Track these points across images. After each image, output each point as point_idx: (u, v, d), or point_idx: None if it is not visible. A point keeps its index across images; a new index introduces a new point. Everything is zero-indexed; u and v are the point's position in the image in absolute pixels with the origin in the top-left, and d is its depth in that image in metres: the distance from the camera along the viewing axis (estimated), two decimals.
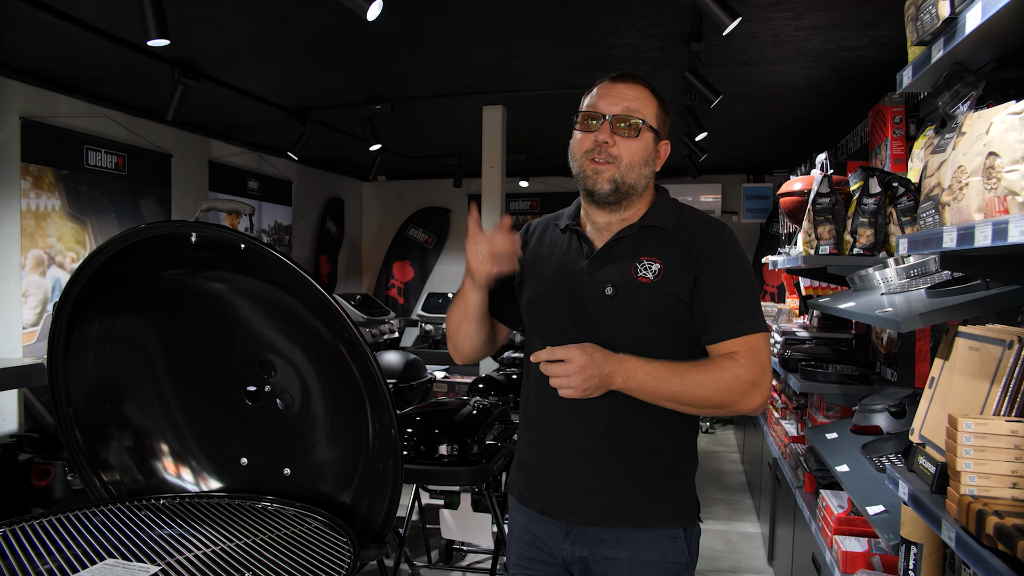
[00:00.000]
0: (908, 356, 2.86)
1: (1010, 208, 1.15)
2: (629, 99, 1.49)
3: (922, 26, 1.43)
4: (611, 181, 1.48)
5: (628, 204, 1.53)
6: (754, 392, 1.43)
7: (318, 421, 1.95)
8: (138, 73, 4.15)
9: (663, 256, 1.49)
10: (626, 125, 1.48)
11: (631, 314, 1.48)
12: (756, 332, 1.46)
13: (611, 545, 1.51)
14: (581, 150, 1.51)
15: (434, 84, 4.55)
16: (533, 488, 1.58)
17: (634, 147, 1.49)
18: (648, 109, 1.51)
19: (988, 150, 1.21)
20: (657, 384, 1.39)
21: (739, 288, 1.48)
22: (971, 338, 1.53)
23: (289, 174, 7.39)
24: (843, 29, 3.27)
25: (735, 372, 1.41)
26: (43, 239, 4.45)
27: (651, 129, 1.51)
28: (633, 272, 1.49)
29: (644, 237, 1.53)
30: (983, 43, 1.37)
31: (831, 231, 2.96)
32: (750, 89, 4.39)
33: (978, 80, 1.41)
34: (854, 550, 2.15)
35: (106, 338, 1.96)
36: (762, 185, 7.64)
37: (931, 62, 1.45)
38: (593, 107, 1.50)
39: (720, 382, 1.41)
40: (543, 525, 1.57)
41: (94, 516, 1.86)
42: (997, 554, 1.12)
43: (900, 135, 3.32)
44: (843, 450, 2.45)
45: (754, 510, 4.72)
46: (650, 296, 1.47)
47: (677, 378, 1.40)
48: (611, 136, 1.48)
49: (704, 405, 1.42)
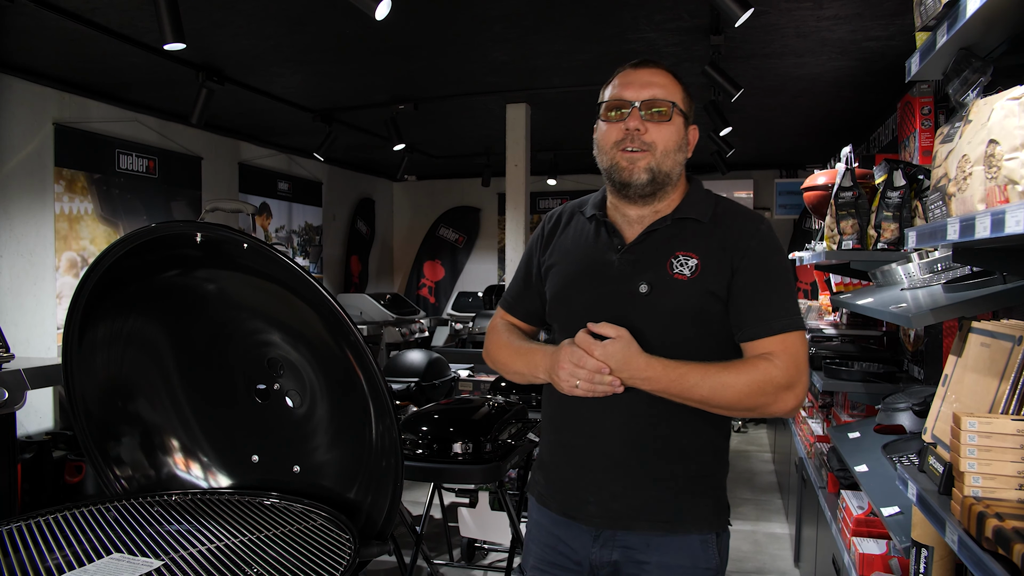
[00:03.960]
0: (935, 353, 2.77)
1: (1010, 197, 1.10)
2: (655, 84, 1.43)
3: (926, 10, 1.39)
4: (647, 170, 1.41)
5: (662, 195, 1.46)
6: (787, 394, 1.36)
7: (324, 420, 1.96)
8: (164, 78, 4.24)
9: (700, 251, 1.42)
10: (656, 111, 1.41)
11: (666, 312, 1.41)
12: (793, 330, 1.39)
13: (641, 549, 1.45)
14: (610, 142, 1.44)
15: (456, 83, 4.56)
16: (557, 491, 1.53)
17: (667, 132, 1.42)
18: (675, 93, 1.45)
19: (989, 137, 1.16)
20: (683, 388, 1.34)
21: (776, 284, 1.41)
22: (983, 334, 1.48)
23: (319, 175, 7.48)
24: (867, 19, 3.18)
25: (768, 373, 1.35)
26: (76, 241, 4.57)
27: (681, 113, 1.44)
28: (668, 268, 1.42)
29: (678, 230, 1.45)
30: (990, 26, 1.32)
31: (854, 226, 2.89)
32: (777, 82, 4.30)
33: (986, 66, 1.35)
34: (872, 552, 2.09)
35: (117, 337, 2.00)
36: (795, 180, 7.49)
37: (936, 47, 1.40)
38: (618, 96, 1.43)
39: (752, 384, 1.34)
40: (569, 528, 1.51)
41: (107, 512, 1.90)
42: (997, 558, 1.08)
43: (929, 126, 3.22)
44: (864, 449, 2.38)
45: (783, 510, 4.64)
46: (686, 294, 1.41)
47: (706, 382, 1.34)
48: (642, 123, 1.40)
49: (734, 408, 1.37)
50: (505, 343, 1.61)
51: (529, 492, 1.64)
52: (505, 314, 1.69)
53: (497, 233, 8.83)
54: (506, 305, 1.69)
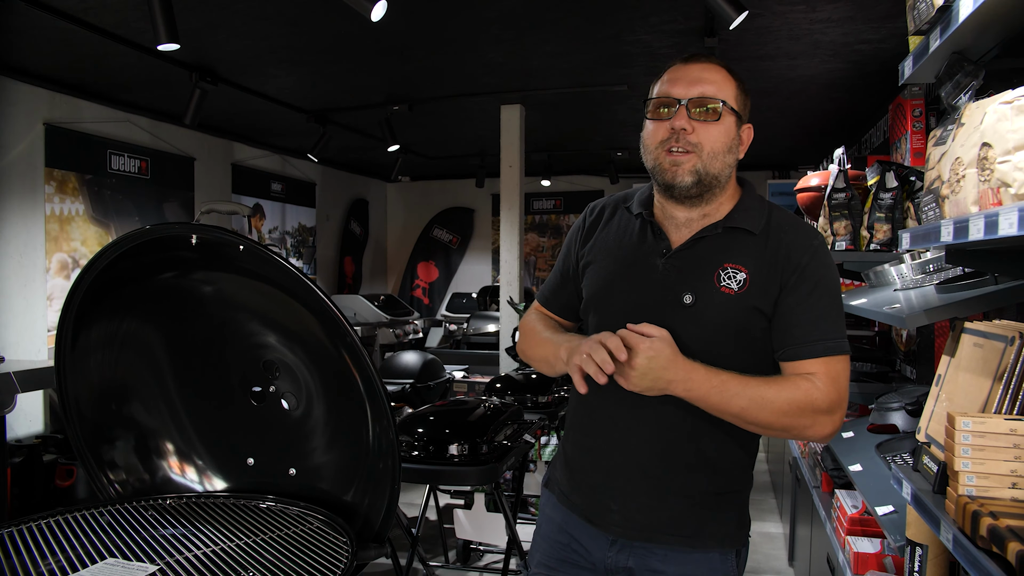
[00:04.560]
0: (927, 353, 2.79)
1: (1003, 200, 1.11)
2: (705, 81, 1.34)
3: (919, 15, 1.40)
4: (693, 172, 1.34)
5: (710, 197, 1.38)
6: (826, 419, 1.30)
7: (321, 422, 1.96)
8: (158, 78, 4.23)
9: (750, 265, 1.35)
10: (704, 109, 1.33)
11: (710, 326, 1.35)
12: (838, 354, 1.32)
13: (659, 558, 1.42)
14: (655, 141, 1.36)
15: (451, 84, 4.56)
16: (582, 495, 1.49)
17: (715, 132, 1.34)
18: (727, 89, 1.36)
19: (982, 140, 1.17)
20: (722, 398, 1.28)
21: (825, 304, 1.33)
22: (976, 334, 1.49)
23: (313, 176, 7.47)
24: (859, 22, 3.20)
25: (810, 395, 1.28)
26: (67, 243, 4.55)
27: (732, 111, 1.35)
28: (716, 280, 1.35)
29: (729, 240, 1.38)
30: (982, 30, 1.33)
31: (847, 227, 2.91)
32: (770, 84, 4.32)
33: (977, 69, 1.37)
34: (866, 551, 2.10)
35: (111, 339, 1.99)
36: (787, 181, 7.50)
37: (929, 51, 1.41)
38: (665, 93, 1.35)
39: (792, 403, 1.28)
40: (586, 531, 1.48)
41: (100, 516, 1.89)
42: (992, 556, 1.09)
43: (920, 128, 3.24)
44: (858, 449, 2.40)
45: (777, 510, 4.65)
46: (732, 308, 1.34)
47: (746, 392, 1.28)
48: (689, 122, 1.32)
49: (770, 426, 1.30)
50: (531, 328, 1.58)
51: (547, 488, 1.60)
52: (541, 308, 1.64)
53: (491, 234, 8.83)
54: (542, 299, 1.64)
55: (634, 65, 3.93)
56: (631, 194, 1.53)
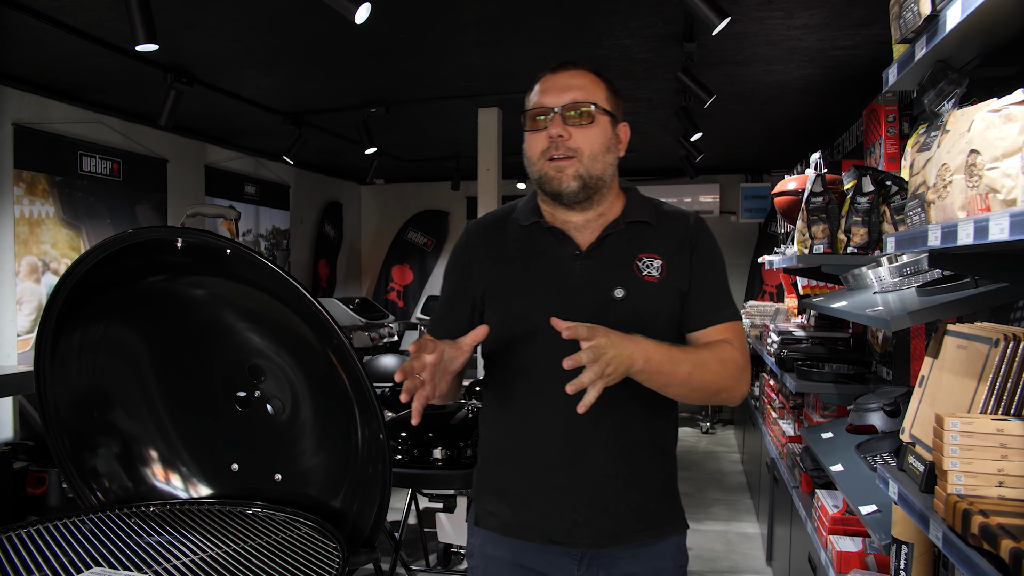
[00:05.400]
0: (903, 355, 2.85)
1: (991, 206, 1.14)
2: (575, 87, 1.39)
3: (905, 24, 1.43)
4: (576, 177, 1.38)
5: (600, 199, 1.44)
6: (744, 377, 1.40)
7: (307, 426, 1.94)
8: (131, 79, 4.15)
9: (661, 251, 1.43)
10: (578, 113, 1.37)
11: (644, 315, 1.38)
12: (737, 319, 1.45)
13: (628, 561, 1.43)
14: (536, 152, 1.40)
15: (429, 87, 4.55)
16: (538, 518, 1.43)
17: (592, 135, 1.38)
18: (597, 92, 1.40)
19: (970, 147, 1.20)
20: (673, 365, 1.30)
21: (721, 277, 1.47)
22: (959, 336, 1.52)
23: (287, 178, 7.39)
24: (835, 28, 3.27)
25: (733, 355, 1.38)
26: (37, 246, 4.45)
27: (605, 112, 1.40)
28: (636, 271, 1.41)
29: (633, 233, 1.44)
30: (967, 40, 1.36)
31: (825, 230, 2.95)
32: (745, 89, 4.39)
33: (962, 78, 1.40)
34: (848, 550, 2.14)
35: (93, 345, 1.95)
36: (760, 185, 7.63)
37: (915, 60, 1.44)
38: (539, 103, 1.39)
39: (723, 363, 1.36)
40: (547, 556, 1.43)
41: (83, 524, 1.85)
42: (982, 553, 1.11)
43: (894, 133, 3.31)
44: (838, 449, 2.44)
45: (753, 510, 4.71)
46: (660, 295, 1.41)
47: (689, 358, 1.33)
48: (564, 128, 1.36)
49: (708, 389, 1.35)
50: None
51: (482, 526, 1.50)
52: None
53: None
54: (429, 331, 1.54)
55: (611, 69, 3.96)
56: (511, 208, 1.54)
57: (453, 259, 1.57)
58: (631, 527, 1.43)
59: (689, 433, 6.99)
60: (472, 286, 1.49)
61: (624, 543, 1.43)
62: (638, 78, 4.13)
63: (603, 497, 1.41)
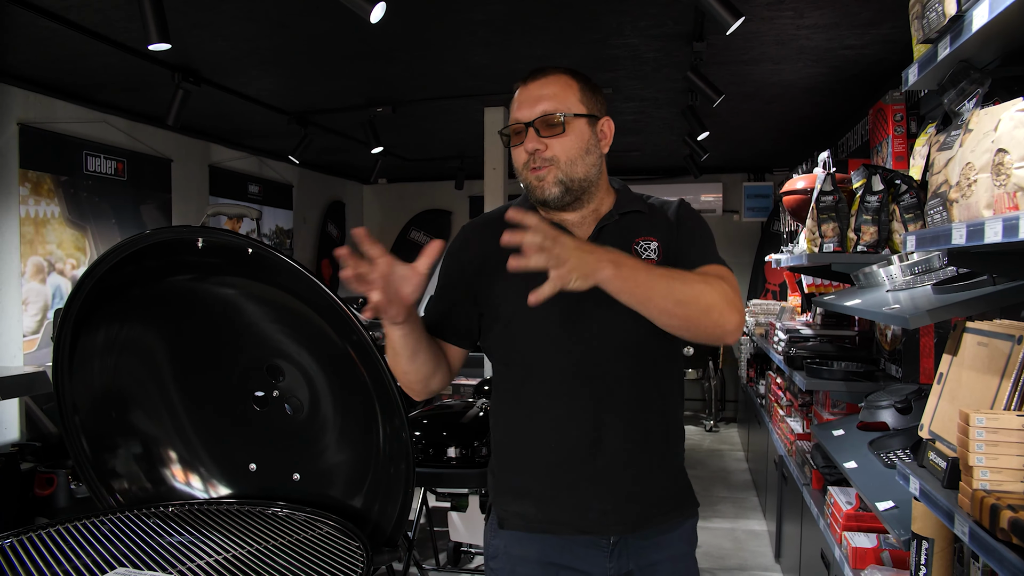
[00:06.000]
0: (912, 352, 2.86)
1: (1019, 204, 1.15)
2: (545, 97, 1.42)
3: (928, 24, 1.44)
4: (557, 183, 1.42)
5: (589, 198, 1.48)
6: (733, 304, 1.34)
7: (327, 425, 1.95)
8: (138, 78, 4.15)
9: (656, 234, 1.48)
10: (548, 125, 1.41)
11: None
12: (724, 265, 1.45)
13: (653, 549, 1.47)
14: (520, 164, 1.46)
15: (436, 86, 4.55)
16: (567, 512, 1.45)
17: (567, 143, 1.41)
18: (568, 98, 1.43)
19: (997, 147, 1.21)
20: (649, 274, 1.26)
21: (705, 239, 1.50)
22: (979, 333, 1.53)
23: (290, 178, 7.39)
24: (844, 28, 3.27)
25: (718, 281, 1.34)
26: (43, 246, 4.44)
27: (578, 116, 1.43)
28: (636, 255, 1.45)
29: (628, 222, 1.49)
30: (989, 41, 1.37)
31: (835, 229, 2.97)
32: (752, 88, 4.39)
33: (984, 77, 1.41)
34: (864, 546, 2.15)
35: (112, 346, 1.96)
36: (762, 184, 7.64)
37: (937, 60, 1.45)
38: (515, 119, 1.44)
39: (708, 282, 1.33)
40: (576, 551, 1.45)
41: (102, 525, 1.86)
42: (1011, 547, 1.12)
43: (901, 132, 3.32)
44: (850, 447, 2.45)
45: (759, 508, 4.73)
46: None
47: (668, 272, 1.31)
48: (539, 141, 1.41)
49: (694, 303, 1.29)
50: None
51: (506, 527, 1.51)
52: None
53: None
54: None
55: (619, 68, 3.96)
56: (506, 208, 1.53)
57: (449, 259, 1.58)
58: (658, 509, 1.48)
59: (693, 431, 7.00)
60: (467, 283, 1.51)
61: (654, 525, 1.47)
62: (645, 77, 4.13)
63: (627, 483, 1.45)
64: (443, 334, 1.52)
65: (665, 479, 1.50)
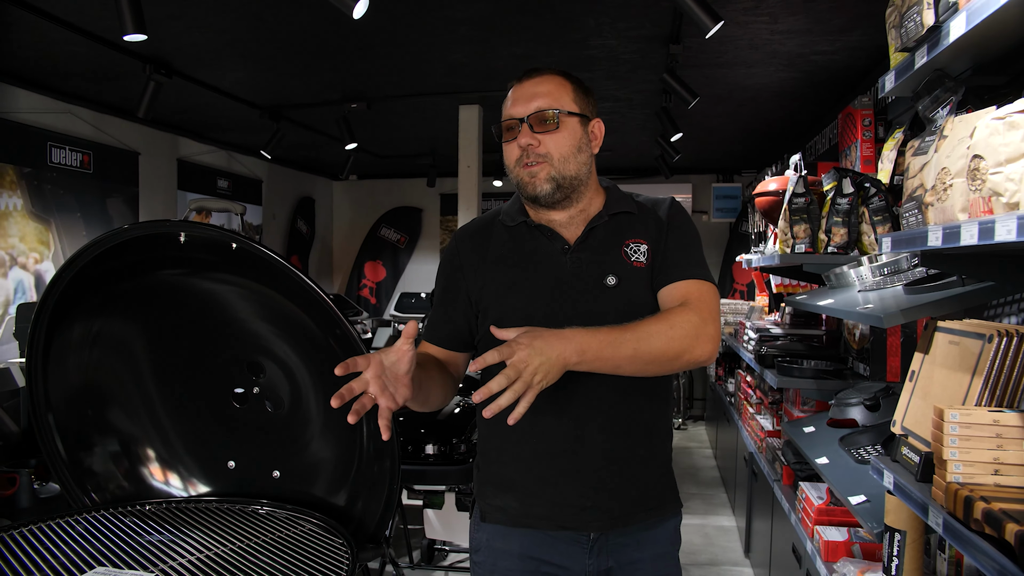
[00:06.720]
0: (880, 351, 2.94)
1: (995, 208, 1.19)
2: (540, 94, 1.45)
3: (906, 33, 1.48)
4: (549, 180, 1.44)
5: (579, 196, 1.50)
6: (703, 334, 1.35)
7: (310, 422, 1.94)
8: (107, 69, 4.07)
9: (645, 236, 1.49)
10: (544, 121, 1.43)
11: (636, 301, 1.44)
12: (706, 279, 1.46)
13: (634, 547, 1.49)
14: (512, 160, 1.47)
15: (412, 83, 4.54)
16: (547, 507, 1.47)
17: (560, 139, 1.44)
18: (562, 96, 1.46)
19: (973, 153, 1.26)
20: (614, 349, 1.27)
21: (693, 246, 1.51)
22: (951, 332, 1.59)
23: (259, 173, 7.30)
24: (816, 34, 3.35)
25: (686, 315, 1.35)
26: (4, 239, 4.33)
27: (572, 114, 1.46)
28: (625, 258, 1.47)
29: (617, 224, 1.51)
30: (964, 51, 1.42)
31: (806, 230, 3.03)
32: (724, 91, 4.47)
33: (958, 86, 1.46)
34: (835, 539, 2.21)
35: (88, 341, 1.92)
36: (731, 185, 7.76)
37: (914, 68, 1.50)
38: (508, 115, 1.47)
39: (674, 328, 1.33)
40: (557, 546, 1.48)
41: (77, 524, 1.82)
42: (984, 537, 1.17)
43: (869, 137, 3.41)
44: (821, 443, 2.51)
45: (729, 504, 4.81)
46: (648, 279, 1.46)
47: (631, 335, 1.29)
48: (533, 137, 1.43)
49: (662, 357, 1.32)
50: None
51: (489, 520, 1.53)
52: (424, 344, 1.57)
53: (439, 234, 8.81)
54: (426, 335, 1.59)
55: (596, 69, 4.00)
56: (496, 212, 1.60)
57: (444, 266, 1.60)
58: (639, 507, 1.49)
59: None
60: (466, 288, 1.53)
61: (634, 522, 1.48)
62: (621, 78, 4.17)
63: (609, 479, 1.46)
64: (453, 345, 1.55)
65: (647, 477, 1.50)
